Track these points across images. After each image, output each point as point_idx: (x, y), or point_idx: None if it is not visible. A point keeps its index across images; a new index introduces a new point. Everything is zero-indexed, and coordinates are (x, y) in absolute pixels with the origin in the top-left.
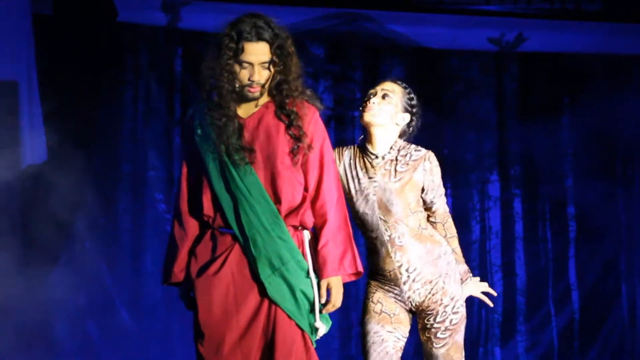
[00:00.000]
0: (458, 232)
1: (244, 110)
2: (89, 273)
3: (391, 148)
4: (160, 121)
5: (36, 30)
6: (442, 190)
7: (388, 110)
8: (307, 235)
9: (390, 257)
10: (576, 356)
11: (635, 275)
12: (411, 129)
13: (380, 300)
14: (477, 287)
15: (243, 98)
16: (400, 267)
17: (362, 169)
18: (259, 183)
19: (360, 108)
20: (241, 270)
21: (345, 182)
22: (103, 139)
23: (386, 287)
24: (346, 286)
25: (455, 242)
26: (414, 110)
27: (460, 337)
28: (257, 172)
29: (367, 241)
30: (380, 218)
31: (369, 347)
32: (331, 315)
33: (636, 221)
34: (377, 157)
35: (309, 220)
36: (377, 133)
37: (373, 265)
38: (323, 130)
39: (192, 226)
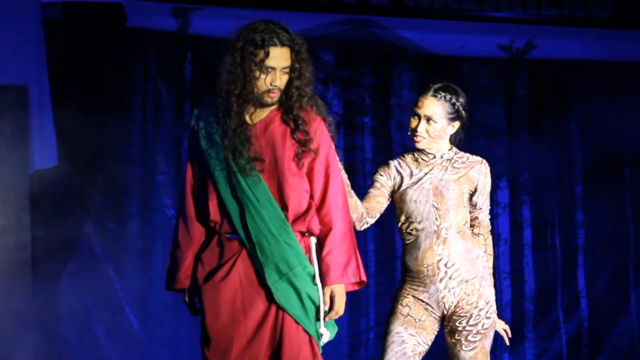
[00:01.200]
0: None
1: (251, 116)
2: (98, 278)
3: (449, 150)
4: (170, 126)
5: (46, 35)
6: (489, 203)
7: (436, 132)
8: (313, 241)
9: (432, 250)
10: None
11: None
12: (464, 126)
13: (409, 305)
14: (498, 321)
15: (257, 103)
16: (439, 261)
17: (416, 167)
18: (267, 189)
19: (409, 133)
20: (249, 276)
21: (395, 177)
22: (112, 143)
23: (419, 289)
24: (356, 293)
25: (491, 261)
26: (460, 114)
27: (488, 343)
28: (264, 179)
29: (407, 237)
30: (433, 205)
31: (387, 346)
32: (340, 321)
33: None
34: (434, 156)
35: (316, 227)
36: (433, 147)
37: (408, 266)
38: (329, 139)
39: (198, 232)
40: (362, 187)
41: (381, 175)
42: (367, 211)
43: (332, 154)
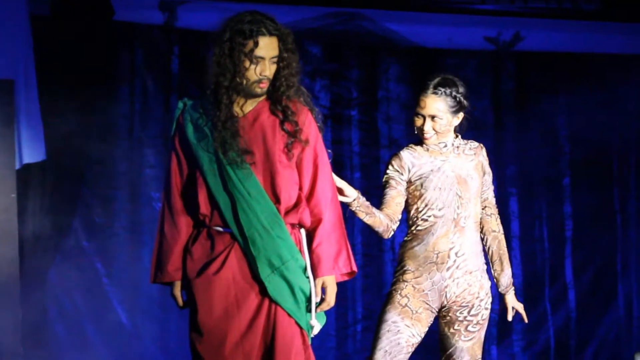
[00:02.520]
0: None
1: (240, 108)
2: (86, 272)
3: (455, 137)
4: (157, 120)
5: (33, 29)
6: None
7: (443, 127)
8: (304, 233)
9: (447, 237)
10: (572, 355)
11: (632, 275)
12: (467, 114)
13: (408, 296)
14: (517, 302)
15: (246, 95)
16: (451, 249)
17: (429, 155)
18: (258, 182)
19: (416, 132)
20: (241, 270)
21: (410, 168)
22: (100, 137)
23: (422, 277)
24: (343, 286)
25: (504, 241)
26: (462, 104)
27: (483, 334)
28: (256, 172)
29: (421, 223)
30: (457, 194)
31: (382, 334)
32: (328, 314)
33: (632, 220)
34: (445, 144)
35: (307, 219)
36: (441, 140)
37: (414, 252)
38: (317, 130)
39: (186, 224)
40: (349, 180)
41: (394, 170)
42: (389, 218)
43: (320, 145)
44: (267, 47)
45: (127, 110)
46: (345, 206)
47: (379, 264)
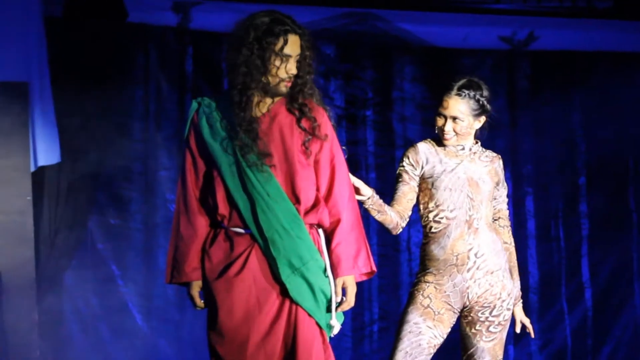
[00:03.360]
0: None
1: (259, 108)
2: (101, 274)
3: (474, 144)
4: (171, 121)
5: (47, 31)
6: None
7: (464, 129)
8: (322, 233)
9: (464, 239)
10: (589, 354)
11: None
12: (489, 119)
13: (430, 297)
14: (524, 316)
15: (267, 94)
16: (470, 250)
17: (445, 155)
18: (278, 184)
19: (437, 132)
20: (262, 271)
21: (424, 163)
22: (114, 139)
23: (444, 279)
24: (360, 287)
25: (515, 254)
26: (485, 108)
27: (505, 335)
28: (275, 173)
29: (435, 225)
30: (468, 195)
31: (403, 335)
32: (344, 315)
33: None
34: (463, 148)
35: (326, 219)
36: (460, 142)
37: (433, 255)
38: (332, 130)
39: (202, 224)
40: (364, 180)
41: (409, 164)
42: (400, 215)
43: (337, 145)
44: (294, 45)
45: (141, 111)
46: (359, 204)
47: (395, 265)
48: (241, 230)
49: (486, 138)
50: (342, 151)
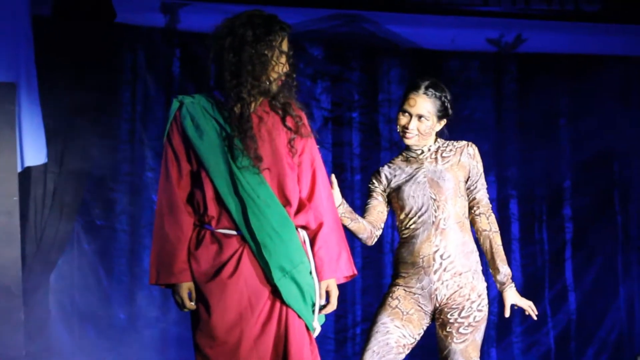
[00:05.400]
0: None
1: (248, 108)
2: (87, 274)
3: (435, 142)
4: (158, 123)
5: (35, 31)
6: (484, 181)
7: (427, 129)
8: (306, 234)
9: (430, 241)
10: (573, 358)
11: (633, 277)
12: (449, 122)
13: (399, 298)
14: (520, 298)
15: (262, 94)
16: (436, 252)
17: (407, 165)
18: (268, 187)
19: (398, 130)
20: (253, 273)
21: (389, 183)
22: (101, 140)
23: (412, 281)
24: (343, 289)
25: (498, 239)
26: (448, 111)
27: (479, 336)
28: (265, 175)
29: (406, 232)
30: (430, 197)
31: (371, 335)
32: (327, 317)
33: (633, 222)
34: (422, 151)
35: (312, 221)
36: (420, 143)
37: (403, 258)
38: (311, 132)
39: (188, 224)
40: (349, 182)
41: (374, 184)
42: (372, 224)
43: (315, 148)
44: (287, 44)
45: (128, 112)
46: None
47: (379, 267)
48: (230, 232)
49: (471, 139)
50: (319, 154)
